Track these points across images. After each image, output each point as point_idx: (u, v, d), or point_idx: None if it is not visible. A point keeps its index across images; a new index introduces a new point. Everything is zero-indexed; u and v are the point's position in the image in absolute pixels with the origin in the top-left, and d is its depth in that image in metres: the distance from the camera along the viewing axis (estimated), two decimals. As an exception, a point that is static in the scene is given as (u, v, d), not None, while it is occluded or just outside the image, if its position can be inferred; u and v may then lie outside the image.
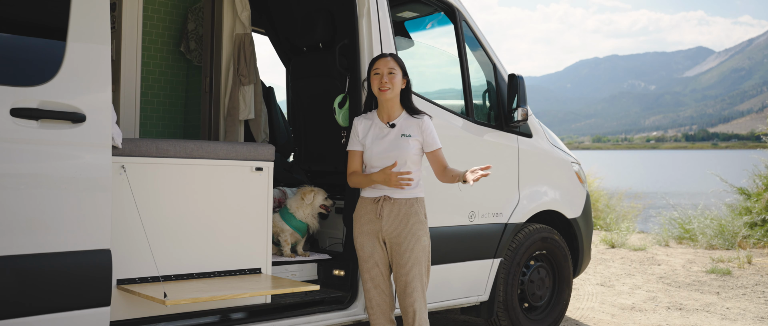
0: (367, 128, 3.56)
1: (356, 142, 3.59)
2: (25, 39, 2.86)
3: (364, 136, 3.55)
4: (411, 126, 3.51)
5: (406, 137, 3.48)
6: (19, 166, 2.66)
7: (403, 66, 3.56)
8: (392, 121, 3.54)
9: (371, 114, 3.61)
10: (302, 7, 4.82)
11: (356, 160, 3.59)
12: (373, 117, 3.59)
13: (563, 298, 5.00)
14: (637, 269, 8.00)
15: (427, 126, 3.51)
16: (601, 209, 12.17)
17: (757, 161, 10.36)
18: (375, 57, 3.61)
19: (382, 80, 3.47)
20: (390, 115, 3.56)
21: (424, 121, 3.52)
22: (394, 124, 3.52)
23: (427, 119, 3.54)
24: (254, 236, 3.57)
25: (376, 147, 3.50)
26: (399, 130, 3.51)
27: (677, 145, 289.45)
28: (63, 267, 2.74)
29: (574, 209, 5.08)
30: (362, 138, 3.56)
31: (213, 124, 4.82)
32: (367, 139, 3.54)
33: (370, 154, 3.52)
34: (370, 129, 3.55)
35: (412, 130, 3.50)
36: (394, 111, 3.56)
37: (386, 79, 3.47)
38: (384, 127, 3.53)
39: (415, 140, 3.49)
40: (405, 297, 3.47)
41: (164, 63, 5.16)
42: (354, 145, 3.60)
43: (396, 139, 3.49)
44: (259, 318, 3.48)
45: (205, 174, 3.40)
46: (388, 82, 3.47)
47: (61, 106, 2.74)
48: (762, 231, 9.52)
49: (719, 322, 5.59)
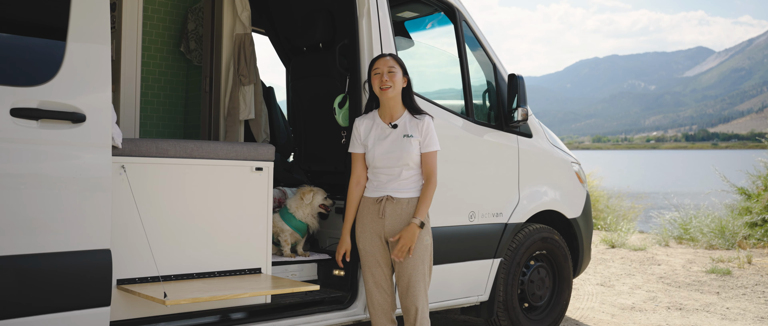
0: (369, 128, 3.55)
1: (358, 144, 3.58)
2: (25, 39, 2.86)
3: (366, 136, 3.55)
4: (413, 126, 3.50)
5: (408, 137, 3.47)
6: (19, 166, 2.66)
7: (403, 65, 3.55)
8: (394, 121, 3.54)
9: (373, 114, 3.60)
10: (302, 7, 4.82)
11: (359, 163, 3.59)
12: (374, 117, 3.58)
13: (563, 298, 5.00)
14: (637, 269, 8.00)
15: (427, 126, 3.51)
16: (601, 209, 12.18)
17: (756, 162, 10.37)
18: (374, 57, 3.60)
19: (383, 79, 3.47)
20: (392, 115, 3.55)
21: (426, 121, 3.52)
22: (396, 124, 3.52)
23: (429, 119, 3.54)
24: (254, 236, 3.57)
25: (378, 147, 3.49)
26: (401, 130, 3.50)
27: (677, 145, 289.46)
28: (63, 267, 2.74)
29: (574, 209, 5.08)
30: (364, 139, 3.55)
31: (213, 124, 4.82)
32: (369, 139, 3.53)
33: (372, 154, 3.51)
34: (371, 129, 3.54)
35: (414, 131, 3.49)
36: (396, 111, 3.55)
37: (386, 78, 3.46)
38: (386, 128, 3.52)
39: (417, 140, 3.49)
40: (407, 297, 3.47)
41: (164, 63, 5.16)
42: (356, 147, 3.59)
43: (398, 139, 3.48)
44: (259, 318, 3.48)
45: (205, 175, 3.40)
46: (389, 81, 3.46)
47: (61, 106, 2.74)
48: (762, 231, 9.52)
49: (719, 322, 5.59)
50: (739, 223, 9.65)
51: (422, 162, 3.52)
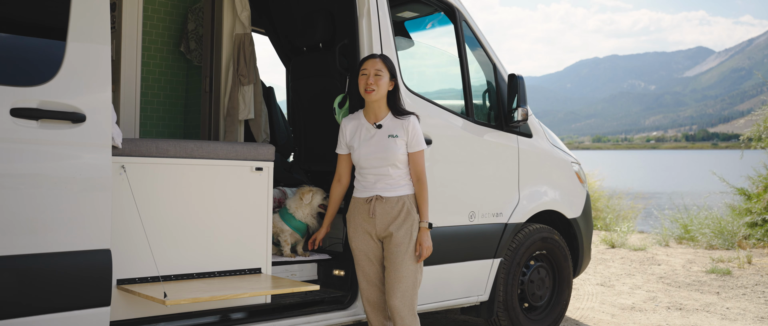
0: (355, 129, 3.60)
1: (342, 146, 3.67)
2: (25, 39, 2.86)
3: (352, 137, 3.60)
4: (397, 126, 3.54)
5: (393, 138, 3.51)
6: (19, 166, 2.66)
7: (392, 68, 3.57)
8: (379, 121, 3.57)
9: (358, 114, 3.64)
10: (302, 7, 4.82)
11: (343, 163, 3.69)
12: (360, 117, 3.62)
13: (563, 298, 5.00)
14: (637, 269, 8.00)
15: (412, 126, 3.54)
16: (601, 209, 12.18)
17: (756, 162, 10.36)
18: (364, 57, 3.63)
19: (368, 81, 3.49)
20: (377, 115, 3.58)
21: (411, 121, 3.55)
22: (380, 124, 3.55)
23: (414, 119, 3.57)
24: (254, 236, 3.57)
25: (364, 148, 3.54)
26: (386, 130, 3.54)
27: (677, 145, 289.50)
28: (63, 267, 2.74)
29: (574, 209, 5.08)
30: (350, 140, 3.61)
31: (213, 124, 4.82)
32: (354, 140, 3.58)
33: (358, 155, 3.55)
34: (357, 130, 3.59)
35: (399, 131, 3.53)
36: (380, 112, 3.58)
37: (371, 81, 3.49)
38: (371, 128, 3.56)
39: (402, 140, 3.52)
40: (395, 292, 3.48)
41: (164, 63, 5.16)
42: (340, 149, 3.68)
43: (383, 139, 3.52)
44: (259, 318, 3.49)
45: (205, 174, 3.40)
46: (373, 84, 3.50)
47: (61, 106, 2.74)
48: (762, 231, 9.51)
49: (719, 322, 5.59)
50: (739, 223, 9.65)
51: (410, 162, 3.56)
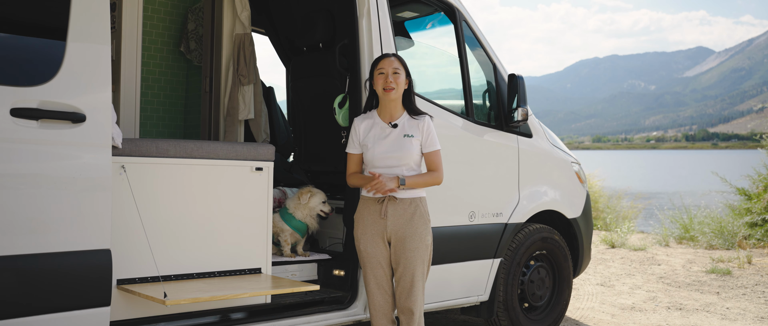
0: (368, 128, 3.56)
1: (355, 145, 3.59)
2: (25, 39, 2.86)
3: (365, 136, 3.55)
4: (413, 126, 3.52)
5: (409, 137, 3.49)
6: (19, 166, 2.66)
7: (407, 66, 3.57)
8: (394, 121, 3.55)
9: (372, 113, 3.61)
10: (302, 7, 4.82)
11: (354, 162, 3.61)
12: (373, 116, 3.59)
13: (563, 298, 5.00)
14: (637, 269, 8.00)
15: (427, 126, 3.52)
16: (602, 209, 12.17)
17: (756, 162, 10.35)
18: (379, 56, 3.60)
19: (387, 80, 3.48)
20: (392, 114, 3.56)
21: (426, 121, 3.53)
22: (396, 124, 3.53)
23: (428, 119, 3.55)
24: (254, 236, 3.57)
25: (378, 147, 3.50)
26: (401, 130, 3.51)
27: (677, 144, 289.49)
28: (63, 267, 2.74)
29: (574, 209, 5.08)
30: (363, 138, 3.56)
31: (213, 124, 4.82)
32: (368, 139, 3.54)
33: (372, 154, 3.51)
34: (371, 129, 3.55)
35: (414, 130, 3.50)
36: (396, 111, 3.56)
37: (391, 79, 3.48)
38: (386, 127, 3.53)
39: (417, 140, 3.50)
40: (409, 297, 3.47)
41: (164, 63, 5.16)
42: (353, 148, 3.60)
43: (399, 139, 3.49)
44: (259, 318, 3.48)
45: (205, 174, 3.40)
46: (393, 82, 3.48)
47: (61, 106, 2.74)
48: (762, 231, 9.51)
49: (719, 322, 5.59)
50: (739, 223, 9.65)
51: (427, 162, 3.54)
